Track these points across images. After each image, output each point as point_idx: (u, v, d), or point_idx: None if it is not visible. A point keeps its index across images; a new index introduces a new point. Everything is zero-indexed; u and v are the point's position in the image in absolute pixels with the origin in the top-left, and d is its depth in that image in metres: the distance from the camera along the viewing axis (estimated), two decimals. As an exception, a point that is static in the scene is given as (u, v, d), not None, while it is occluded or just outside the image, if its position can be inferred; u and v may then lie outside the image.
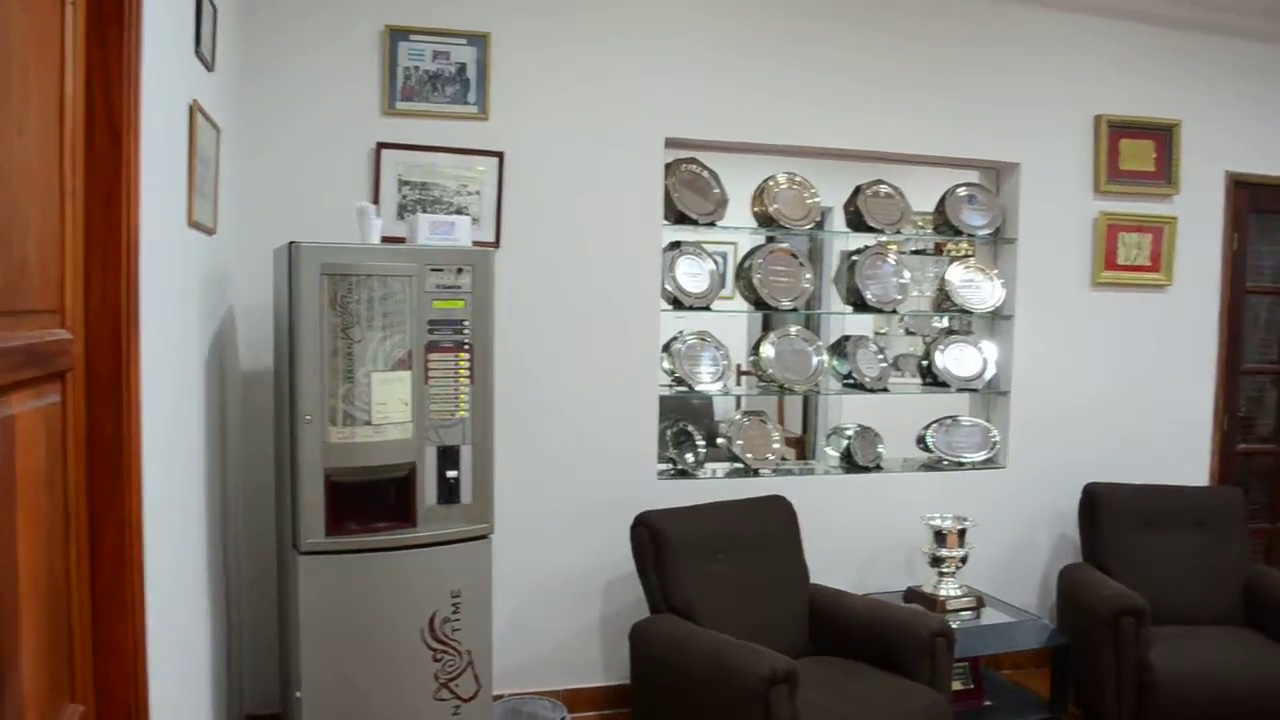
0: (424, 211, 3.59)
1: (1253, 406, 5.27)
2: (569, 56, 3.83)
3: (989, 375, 4.52)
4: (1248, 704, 3.70)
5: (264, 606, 3.53)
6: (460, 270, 3.05)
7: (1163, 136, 4.69)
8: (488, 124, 3.74)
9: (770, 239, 4.28)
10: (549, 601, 3.92)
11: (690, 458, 4.11)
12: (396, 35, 3.63)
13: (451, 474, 3.04)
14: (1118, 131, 4.61)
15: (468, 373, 3.06)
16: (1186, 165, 4.73)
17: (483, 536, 3.13)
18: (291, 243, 2.88)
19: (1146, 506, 4.35)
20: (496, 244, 3.71)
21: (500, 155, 3.73)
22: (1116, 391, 4.72)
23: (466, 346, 3.06)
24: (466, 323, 3.06)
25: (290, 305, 2.90)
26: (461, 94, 3.71)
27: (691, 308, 4.03)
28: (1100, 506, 4.33)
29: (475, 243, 3.31)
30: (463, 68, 3.70)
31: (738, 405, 5.48)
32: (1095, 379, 4.68)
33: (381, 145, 3.61)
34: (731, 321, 5.61)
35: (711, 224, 4.07)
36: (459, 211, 3.63)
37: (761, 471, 4.17)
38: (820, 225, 4.41)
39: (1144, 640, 3.76)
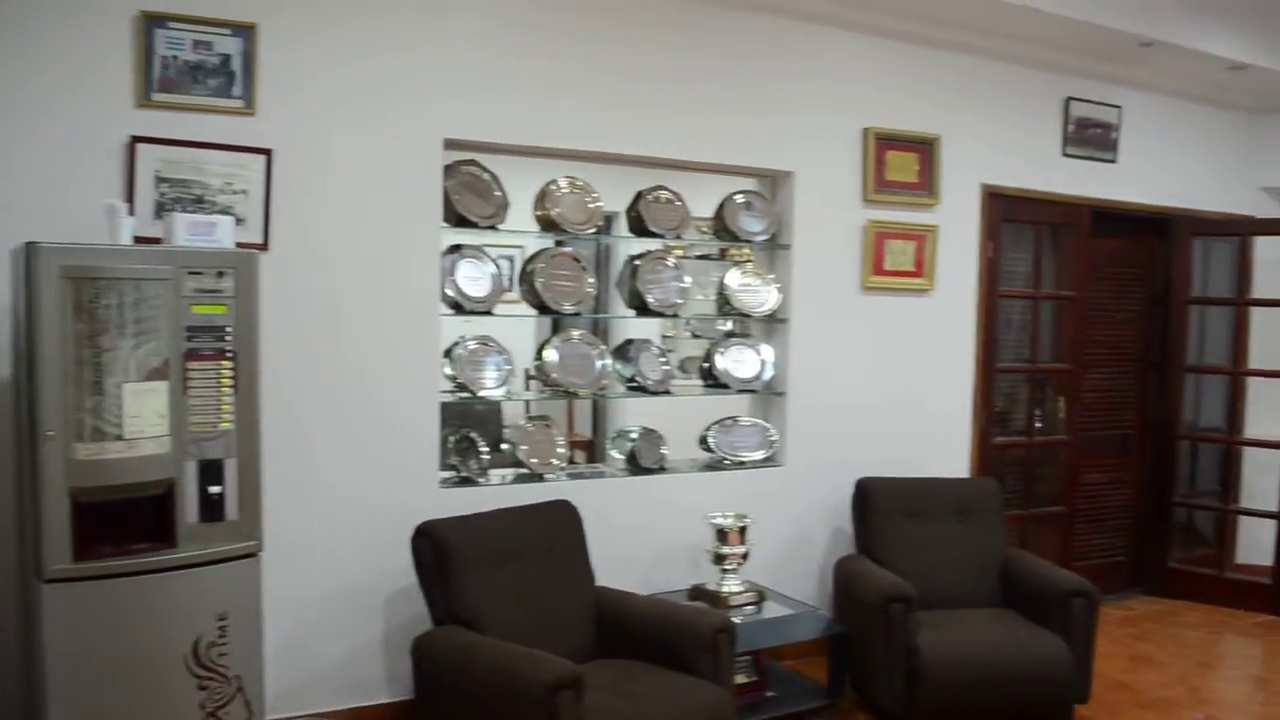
0: (186, 210, 3.38)
1: (1007, 402, 5.67)
2: (343, 52, 3.69)
3: (767, 376, 4.67)
4: (1006, 678, 3.97)
5: (4, 642, 3.22)
6: (222, 273, 2.88)
7: (925, 150, 4.97)
8: (255, 119, 3.55)
9: (559, 243, 4.27)
10: (327, 618, 3.77)
11: (474, 465, 4.04)
12: (152, 22, 3.39)
13: (214, 490, 2.87)
14: (884, 144, 4.85)
15: (231, 382, 2.90)
16: (946, 177, 5.03)
17: (251, 554, 2.97)
18: (29, 243, 2.65)
19: (913, 498, 4.59)
20: (264, 246, 3.53)
21: (268, 153, 3.55)
22: (885, 390, 4.97)
23: (229, 354, 2.89)
24: (229, 329, 2.89)
25: (29, 311, 2.67)
26: (226, 87, 3.51)
27: (473, 312, 3.96)
28: (871, 500, 4.54)
29: (240, 244, 3.14)
30: (227, 59, 3.50)
31: (527, 410, 5.44)
32: (866, 378, 4.91)
33: (136, 139, 3.37)
34: (521, 326, 5.59)
35: (493, 227, 4.02)
36: (224, 211, 3.43)
37: (547, 476, 4.14)
38: (604, 230, 4.44)
39: (912, 625, 3.96)
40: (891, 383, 4.99)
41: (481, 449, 4.07)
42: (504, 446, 4.19)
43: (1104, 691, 4.51)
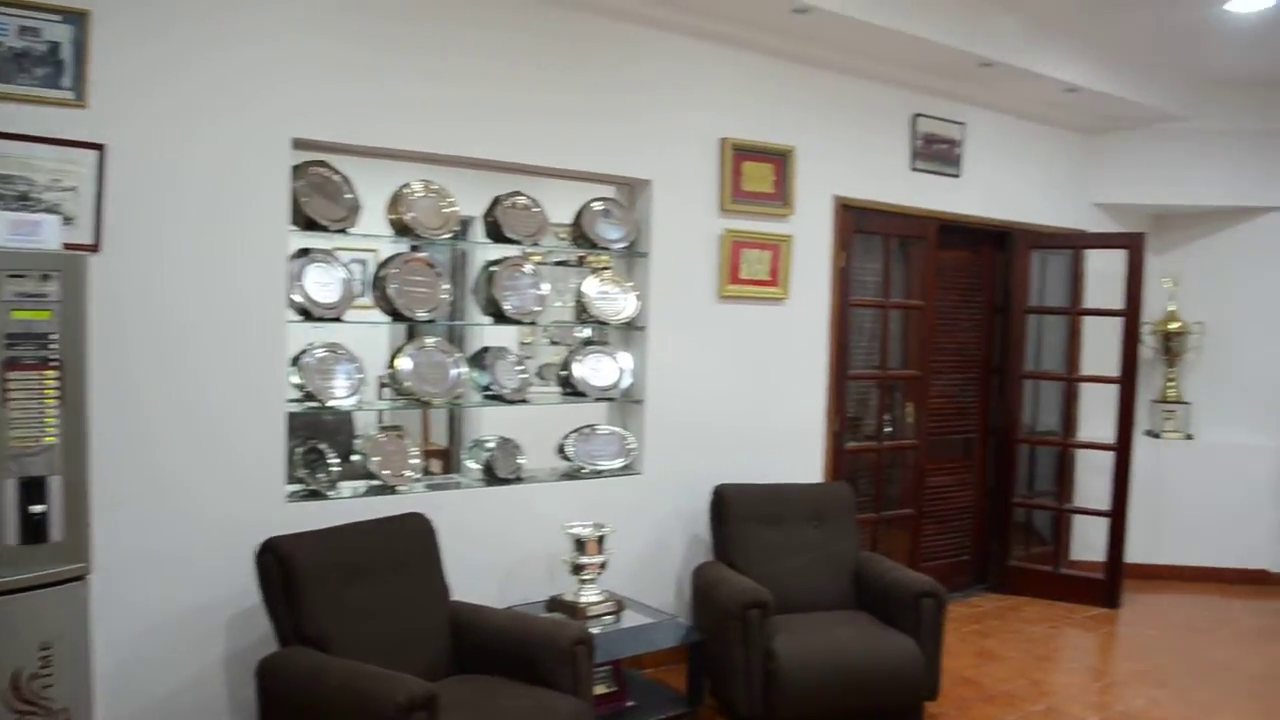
0: (8, 209, 3.14)
1: (859, 408, 5.80)
2: (186, 45, 3.49)
3: (625, 384, 4.65)
4: (860, 679, 4.05)
5: None
6: (46, 276, 2.69)
7: (780, 161, 5.05)
8: (86, 112, 3.32)
9: (415, 248, 4.16)
10: (165, 642, 3.55)
11: (323, 477, 3.89)
12: (-31, 6, 3.16)
13: (36, 509, 2.68)
14: (740, 154, 4.90)
15: (56, 393, 2.71)
16: (800, 188, 5.13)
17: (78, 578, 2.78)
18: None
19: (769, 504, 4.65)
20: (96, 247, 3.31)
21: (101, 148, 3.33)
22: (742, 397, 5.02)
23: (54, 363, 2.70)
24: (54, 336, 2.70)
25: None
26: (54, 77, 3.28)
27: (322, 319, 3.81)
28: (728, 506, 4.58)
29: (67, 245, 2.94)
30: (56, 48, 3.28)
31: (380, 420, 5.29)
32: (722, 386, 4.95)
33: (-50, 132, 3.13)
34: (375, 333, 5.44)
35: (343, 231, 3.88)
36: (50, 210, 3.21)
37: (400, 488, 4.02)
38: (460, 235, 4.34)
39: (769, 630, 4.01)
40: (748, 390, 5.05)
41: (331, 461, 3.93)
42: (355, 458, 4.04)
43: (952, 687, 4.66)
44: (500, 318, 4.32)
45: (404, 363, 4.06)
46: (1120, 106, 6.25)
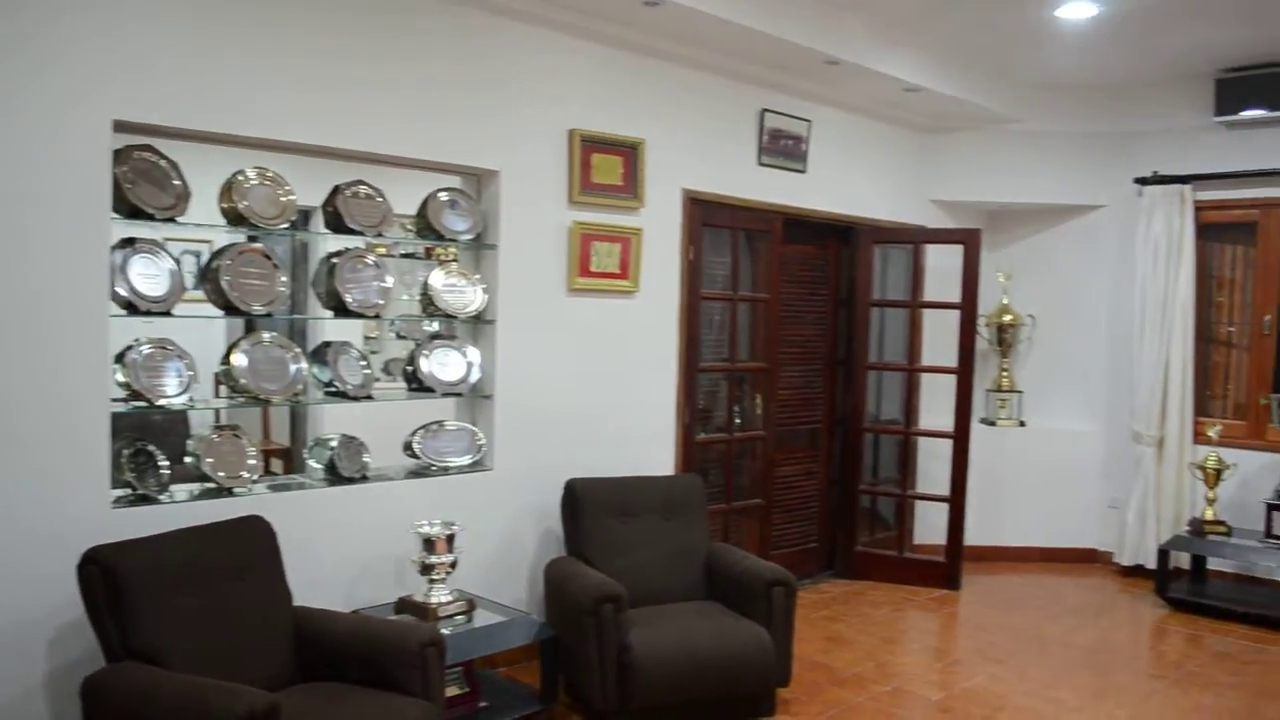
0: None
1: (709, 400, 5.85)
2: (-12, 18, 3.24)
3: (474, 379, 4.55)
4: (713, 669, 4.07)
5: None
6: None
7: (629, 153, 5.03)
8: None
9: (253, 239, 3.96)
10: (-24, 662, 3.30)
11: (152, 481, 3.67)
12: None
13: None
14: (590, 146, 4.86)
15: None
16: (650, 181, 5.12)
17: None
18: None
19: (622, 497, 4.64)
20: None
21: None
22: (593, 391, 4.99)
23: None
24: None
25: None
26: None
27: (149, 313, 3.59)
28: (580, 501, 4.54)
29: None
30: None
31: (216, 419, 5.04)
32: (573, 380, 4.91)
33: None
34: (211, 328, 5.19)
35: (171, 219, 3.66)
36: None
37: (237, 490, 3.83)
38: (300, 226, 4.17)
39: (623, 623, 3.99)
40: (599, 384, 5.02)
41: (161, 463, 3.71)
42: (187, 460, 3.83)
43: (803, 672, 4.74)
44: (342, 311, 4.16)
45: (239, 359, 3.87)
46: (957, 107, 6.48)
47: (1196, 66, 6.37)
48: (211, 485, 3.81)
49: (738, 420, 5.95)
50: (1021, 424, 7.26)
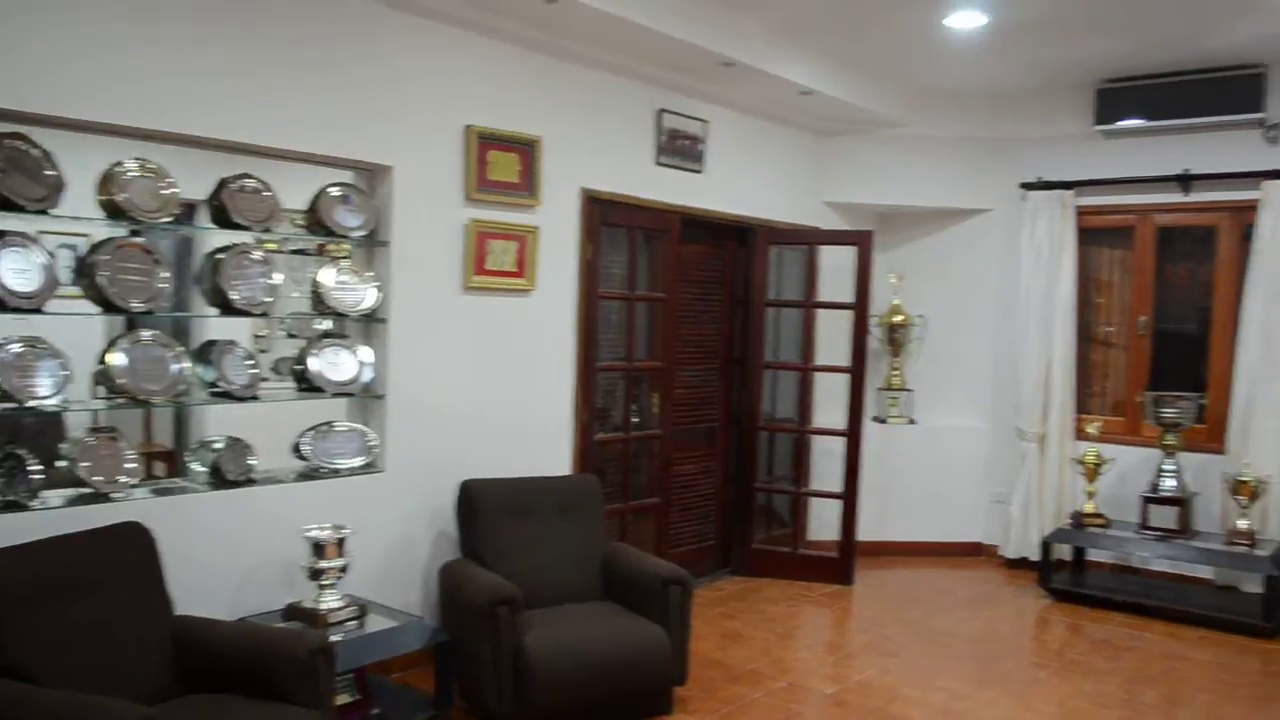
0: None
1: (607, 399, 5.84)
2: None
3: (366, 379, 4.45)
4: (610, 669, 4.07)
5: None
6: None
7: (527, 151, 4.98)
8: None
9: (135, 233, 3.80)
10: None
11: (22, 487, 3.49)
12: None
13: None
14: (486, 143, 4.80)
15: None
16: (547, 179, 5.08)
17: None
18: None
19: (517, 498, 4.60)
20: None
21: None
22: (489, 390, 4.94)
23: None
24: None
25: None
26: None
27: (19, 310, 3.42)
28: (475, 502, 4.49)
29: None
30: None
31: (94, 421, 4.83)
32: (469, 379, 4.85)
33: None
34: (89, 326, 4.96)
35: (44, 212, 3.49)
36: None
37: (114, 495, 3.67)
38: (184, 220, 4.01)
39: (519, 626, 3.95)
40: (495, 383, 4.97)
41: (32, 468, 3.53)
42: (61, 464, 3.66)
43: (700, 670, 4.77)
44: (228, 309, 4.03)
45: (118, 358, 3.71)
46: (851, 111, 6.59)
47: (1079, 76, 6.60)
48: (87, 490, 3.64)
49: (635, 419, 5.95)
50: (912, 422, 7.43)
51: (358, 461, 4.43)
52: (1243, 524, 5.94)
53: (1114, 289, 7.12)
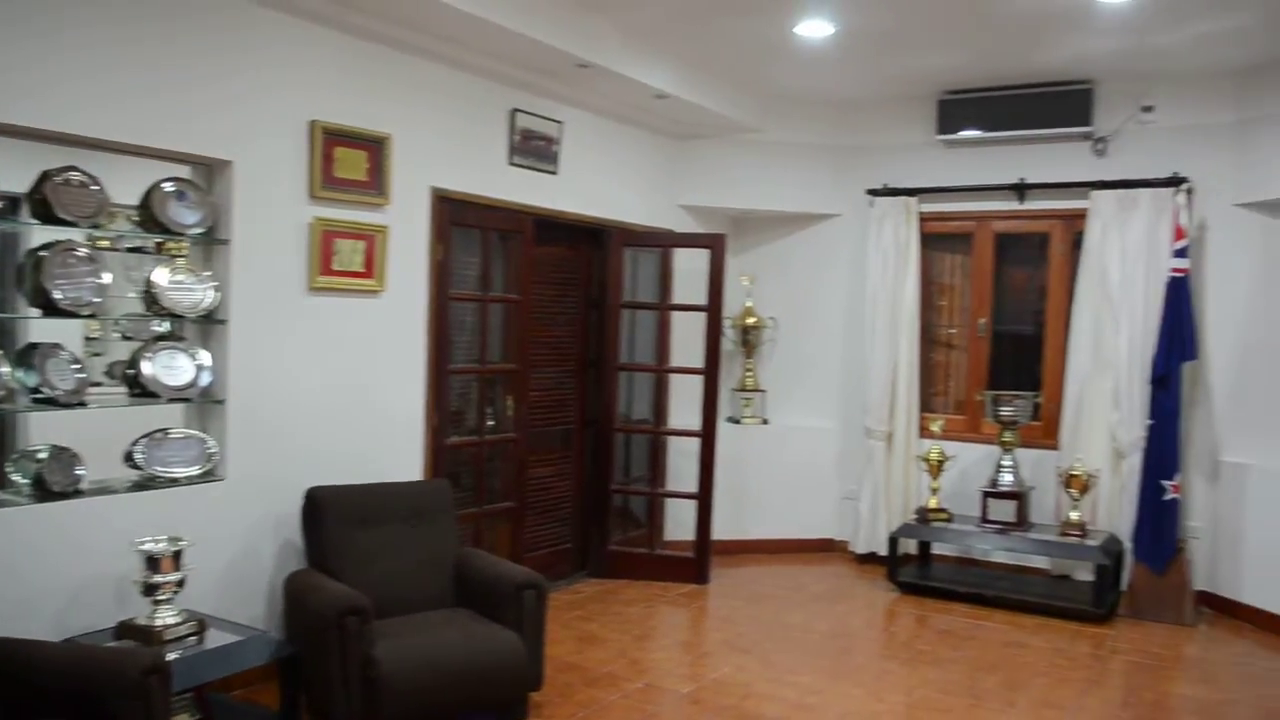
0: None
1: (461, 402, 5.75)
2: None
3: (204, 383, 4.25)
4: (463, 678, 3.99)
5: None
6: None
7: (375, 148, 4.86)
8: None
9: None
10: None
11: None
12: None
13: None
14: (332, 139, 4.66)
15: None
16: (397, 178, 4.97)
17: None
18: None
19: (366, 505, 4.47)
20: None
21: None
22: (336, 395, 4.79)
23: None
24: None
25: None
26: None
27: None
28: (322, 510, 4.34)
29: None
30: None
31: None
32: (315, 383, 4.69)
33: None
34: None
35: None
36: None
37: (-80, 511, 3.42)
38: (10, 214, 3.75)
39: (368, 637, 3.84)
40: (342, 387, 4.82)
41: None
42: None
43: (556, 674, 4.73)
44: (51, 309, 3.79)
45: (-75, 363, 3.46)
46: (704, 115, 6.67)
47: (922, 88, 6.84)
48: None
49: (490, 423, 5.87)
50: (765, 422, 7.56)
51: (195, 470, 4.23)
52: (1075, 516, 6.24)
53: (956, 292, 7.39)
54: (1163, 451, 6.08)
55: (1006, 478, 6.51)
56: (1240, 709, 4.75)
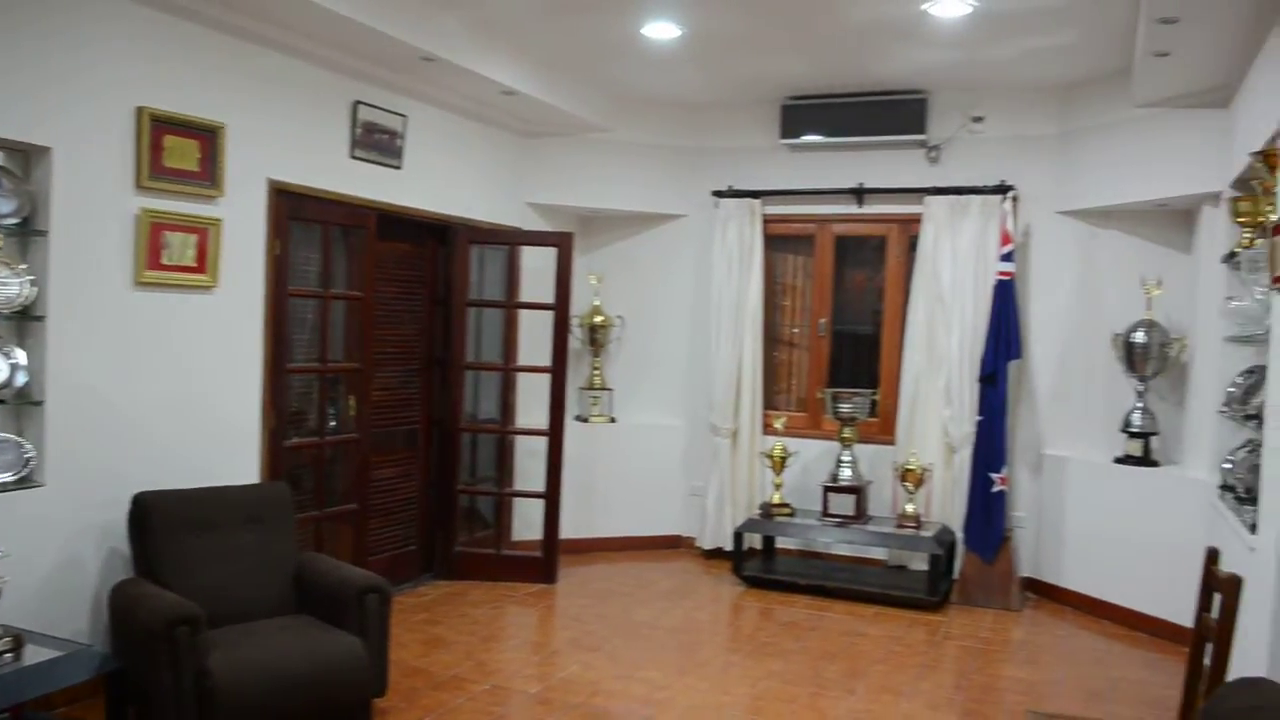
0: None
1: (302, 402, 5.57)
2: None
3: (19, 383, 3.99)
4: (303, 686, 3.87)
5: None
6: None
7: (208, 138, 4.66)
8: None
9: None
10: None
11: None
12: None
13: None
14: (162, 127, 4.45)
15: None
16: (231, 169, 4.77)
17: None
18: None
19: (199, 510, 4.28)
20: None
21: None
22: (167, 395, 4.57)
23: None
24: None
25: None
26: None
27: None
28: (151, 516, 4.13)
29: None
30: None
31: None
32: (144, 383, 4.46)
33: None
34: None
35: None
36: None
37: None
38: None
39: (201, 647, 3.68)
40: (173, 387, 4.60)
41: None
42: None
43: (401, 679, 4.64)
44: None
45: None
46: (553, 113, 6.65)
47: (767, 92, 7.00)
48: None
49: (332, 423, 5.71)
50: (613, 420, 7.59)
51: (9, 476, 3.96)
52: (910, 508, 6.50)
53: (798, 293, 7.59)
54: (991, 446, 6.39)
55: (846, 473, 6.72)
56: (1063, 687, 5.03)
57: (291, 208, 5.19)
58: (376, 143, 5.71)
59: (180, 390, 4.63)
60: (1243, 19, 4.25)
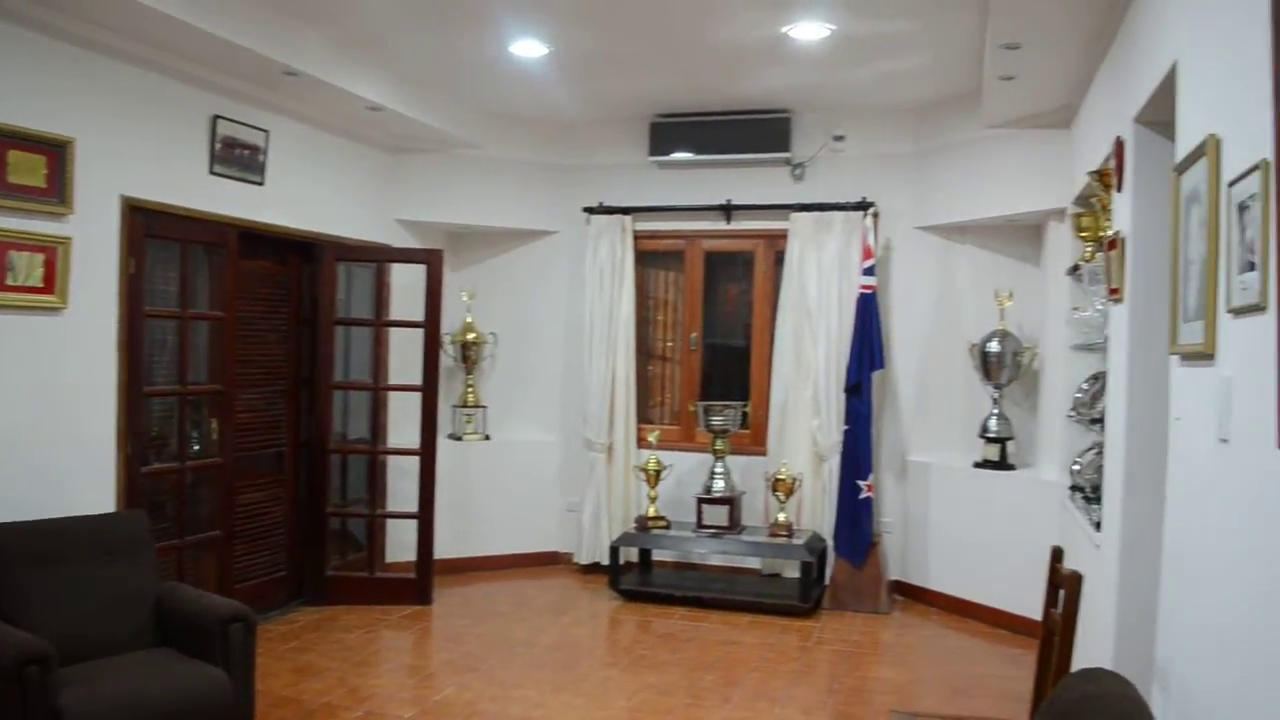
0: None
1: (163, 426, 5.37)
2: None
3: None
4: (163, 722, 3.72)
5: None
6: None
7: (55, 153, 4.46)
8: None
9: None
10: None
11: None
12: None
13: None
14: (6, 142, 4.24)
15: None
16: (82, 185, 4.58)
17: None
18: None
19: (48, 542, 4.08)
20: None
21: None
22: (11, 423, 4.34)
23: None
24: None
25: None
26: None
27: None
28: (-3, 550, 3.93)
29: None
30: None
31: None
32: (-13, 410, 4.25)
33: None
34: None
35: None
36: None
37: None
38: None
39: (52, 686, 3.51)
40: (19, 414, 4.36)
41: None
42: None
43: (269, 710, 4.52)
44: None
45: None
46: (421, 129, 6.59)
47: (636, 110, 7.08)
48: None
49: (195, 447, 5.52)
50: (487, 438, 7.54)
51: None
52: (782, 517, 6.63)
53: (670, 308, 7.68)
54: (857, 454, 6.58)
55: (719, 484, 6.82)
56: (930, 686, 5.21)
57: (148, 225, 5.01)
58: (237, 158, 5.56)
59: (27, 417, 4.41)
60: (1081, 46, 4.50)
